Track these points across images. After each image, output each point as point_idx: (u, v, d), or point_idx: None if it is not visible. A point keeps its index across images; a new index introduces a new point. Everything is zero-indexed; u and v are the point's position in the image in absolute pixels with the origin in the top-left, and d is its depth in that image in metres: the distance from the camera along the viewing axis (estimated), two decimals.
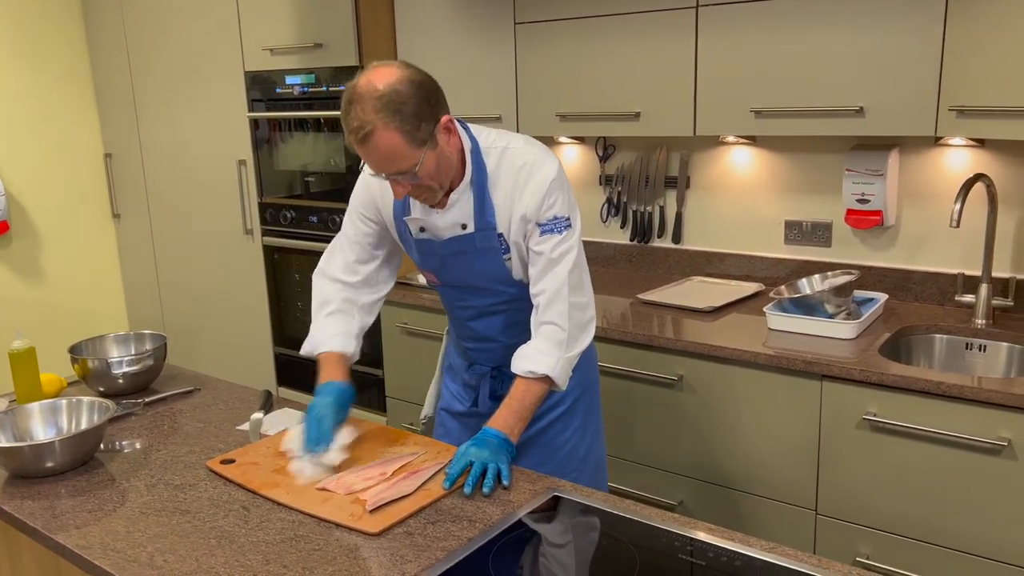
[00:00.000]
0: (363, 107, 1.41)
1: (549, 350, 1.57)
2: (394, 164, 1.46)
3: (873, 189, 2.28)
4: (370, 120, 1.41)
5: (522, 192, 1.58)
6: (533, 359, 1.57)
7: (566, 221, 1.59)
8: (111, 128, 3.89)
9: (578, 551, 1.25)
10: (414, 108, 1.44)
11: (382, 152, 1.44)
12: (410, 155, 1.45)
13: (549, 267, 1.58)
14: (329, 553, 1.25)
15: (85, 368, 1.92)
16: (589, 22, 2.50)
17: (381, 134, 1.42)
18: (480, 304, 1.72)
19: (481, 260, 1.64)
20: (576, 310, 1.59)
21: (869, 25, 2.04)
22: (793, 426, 2.02)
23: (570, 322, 1.58)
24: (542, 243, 1.58)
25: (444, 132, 1.51)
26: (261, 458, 1.57)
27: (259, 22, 3.10)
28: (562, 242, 1.59)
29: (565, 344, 1.58)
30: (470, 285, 1.69)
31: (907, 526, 1.90)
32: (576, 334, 1.60)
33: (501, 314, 1.72)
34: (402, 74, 1.45)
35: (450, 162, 1.55)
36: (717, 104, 2.31)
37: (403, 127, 1.43)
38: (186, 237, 3.68)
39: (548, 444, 1.76)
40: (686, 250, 2.77)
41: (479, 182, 1.60)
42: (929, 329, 2.17)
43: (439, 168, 1.52)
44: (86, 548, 1.30)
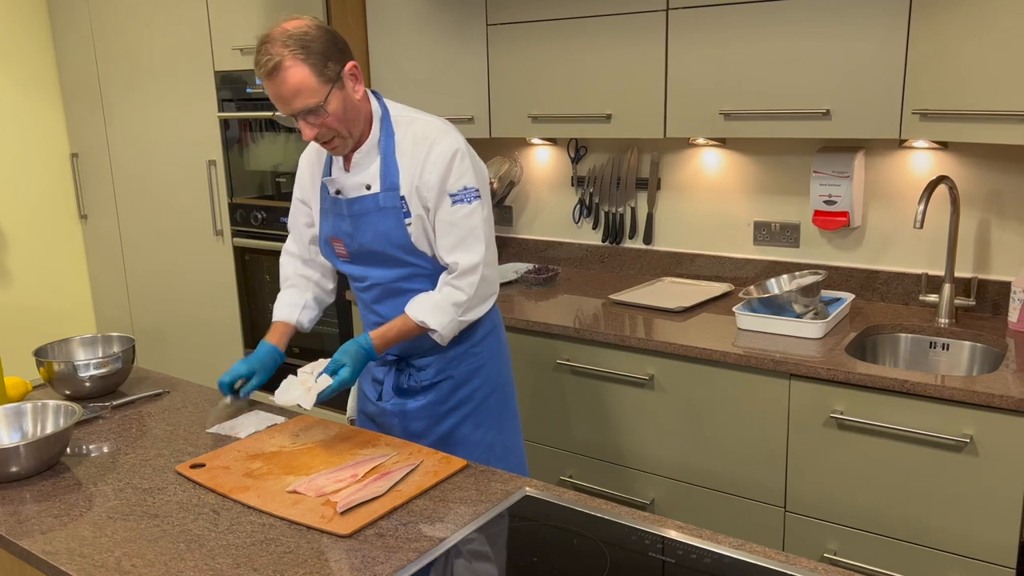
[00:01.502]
0: (273, 44, 1.53)
1: (447, 309, 1.67)
2: (301, 98, 1.55)
3: (840, 191, 2.32)
4: (279, 53, 1.52)
5: (424, 162, 1.65)
6: (428, 312, 1.67)
7: (475, 192, 1.67)
8: (78, 127, 3.83)
9: (549, 551, 1.26)
10: (321, 47, 1.55)
11: (291, 85, 1.53)
12: (317, 89, 1.55)
13: (464, 238, 1.66)
14: (300, 555, 1.25)
15: (51, 371, 1.89)
16: (561, 24, 2.51)
17: (290, 66, 1.52)
18: (383, 279, 1.75)
19: (383, 221, 1.69)
20: (484, 283, 1.69)
21: (835, 29, 2.08)
22: (762, 424, 2.05)
23: (476, 294, 1.68)
24: (454, 213, 1.65)
25: (351, 78, 1.61)
26: (231, 462, 1.56)
27: (229, 22, 3.07)
28: (473, 212, 1.66)
29: (463, 309, 1.68)
30: (373, 252, 1.73)
31: (873, 522, 1.93)
32: (475, 304, 1.70)
33: (406, 294, 1.74)
34: (312, 21, 1.59)
35: (357, 110, 1.64)
36: (687, 106, 2.34)
37: (310, 60, 1.54)
38: (155, 238, 3.64)
39: (463, 442, 1.82)
40: (657, 251, 2.79)
41: (386, 145, 1.68)
42: (894, 328, 2.21)
43: (345, 112, 1.61)
44: (52, 554, 1.28)
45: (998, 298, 2.22)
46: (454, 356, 1.79)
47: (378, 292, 1.77)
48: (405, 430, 1.82)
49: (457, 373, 1.79)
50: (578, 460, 2.40)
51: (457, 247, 1.66)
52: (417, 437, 1.81)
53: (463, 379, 1.80)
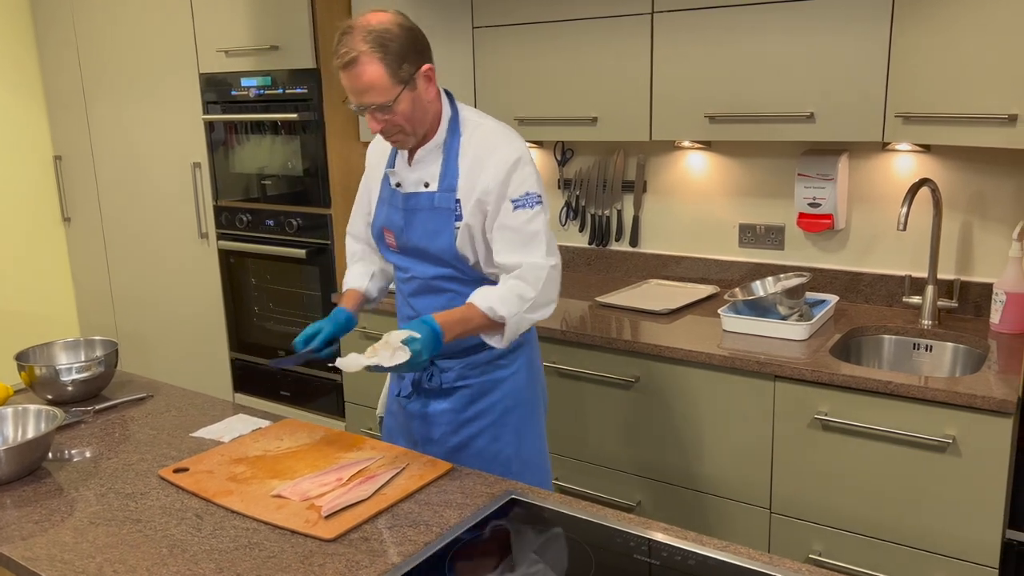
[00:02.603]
0: (353, 37, 1.54)
1: (513, 300, 1.61)
2: (372, 95, 1.56)
3: (824, 193, 2.33)
4: (357, 48, 1.53)
5: (483, 167, 1.64)
6: (496, 301, 1.60)
7: (537, 197, 1.65)
8: (61, 129, 3.80)
9: (534, 554, 1.26)
10: (399, 47, 1.56)
11: (364, 80, 1.55)
12: (389, 89, 1.56)
13: (528, 242, 1.63)
14: (284, 560, 1.24)
15: (32, 375, 1.87)
16: (547, 27, 2.51)
17: (365, 63, 1.54)
18: (424, 275, 1.74)
19: (434, 220, 1.68)
20: (551, 284, 1.64)
21: (820, 33, 2.09)
22: (747, 426, 2.06)
23: (541, 292, 1.63)
24: (516, 218, 1.63)
25: (424, 79, 1.61)
26: (215, 466, 1.55)
27: (213, 23, 3.06)
28: (535, 217, 1.64)
29: (529, 304, 1.62)
30: (419, 248, 1.72)
31: (858, 523, 1.94)
32: (541, 302, 1.64)
33: (441, 294, 1.73)
34: (395, 18, 1.59)
35: (425, 111, 1.64)
36: (672, 109, 2.34)
37: (386, 60, 1.54)
38: (139, 241, 3.61)
39: (479, 454, 1.77)
40: (643, 253, 2.80)
41: (451, 146, 1.67)
42: (878, 330, 2.23)
43: (414, 112, 1.61)
44: (32, 560, 1.26)
45: (980, 300, 2.24)
46: (476, 363, 1.74)
47: (416, 285, 1.76)
48: (425, 434, 1.79)
49: (476, 382, 1.75)
50: (564, 462, 2.40)
51: (520, 249, 1.63)
52: (434, 443, 1.78)
53: (483, 390, 1.75)
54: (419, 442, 1.80)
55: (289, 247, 3.05)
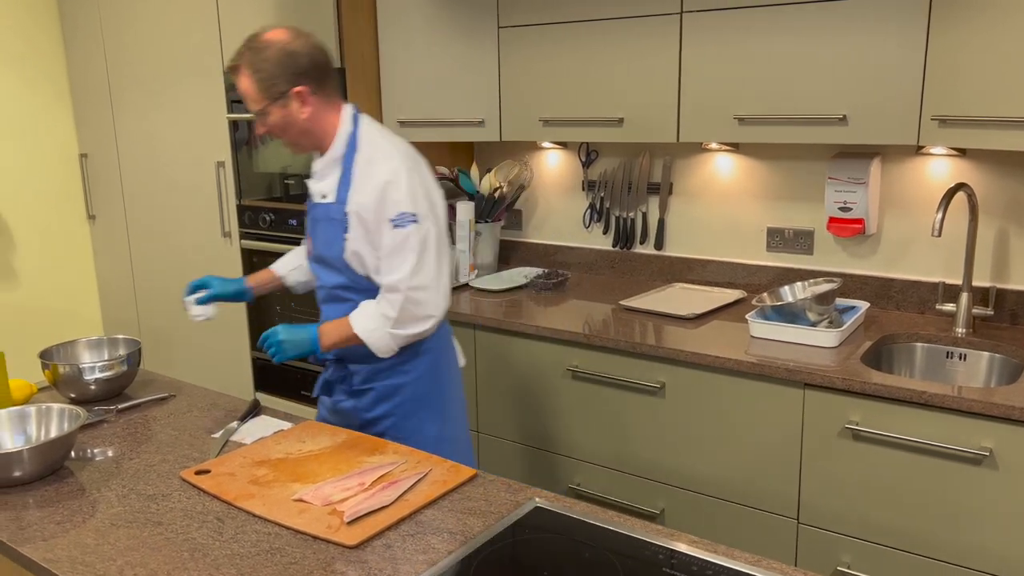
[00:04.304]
0: (243, 48, 1.74)
1: (377, 318, 1.75)
2: (247, 102, 1.76)
3: (855, 197, 2.29)
4: (239, 59, 1.74)
5: (363, 185, 1.75)
6: (360, 316, 1.77)
7: (411, 216, 1.72)
8: (87, 128, 3.83)
9: (560, 564, 1.23)
10: (271, 67, 1.71)
11: (240, 89, 1.76)
12: (257, 101, 1.74)
13: (391, 258, 1.73)
14: (306, 566, 1.22)
15: (56, 374, 1.87)
16: (573, 27, 2.49)
17: (241, 73, 1.74)
18: (327, 283, 1.87)
19: (329, 230, 1.80)
20: (412, 304, 1.73)
21: (853, 33, 2.05)
22: (775, 434, 2.02)
23: (400, 312, 1.73)
24: (393, 236, 1.73)
25: (296, 99, 1.74)
26: (237, 468, 1.53)
27: (239, 23, 3.06)
28: (408, 236, 1.72)
29: (391, 323, 1.74)
30: (322, 257, 1.85)
31: (889, 535, 1.90)
32: (405, 321, 1.75)
33: (343, 303, 1.84)
34: (285, 38, 1.74)
35: (298, 126, 1.77)
36: (701, 111, 2.31)
37: (257, 76, 1.72)
38: (163, 239, 3.62)
39: None
40: (668, 256, 2.76)
41: (348, 161, 1.78)
42: (910, 338, 2.18)
43: (286, 128, 1.77)
44: (53, 561, 1.26)
45: (1017, 308, 2.18)
46: (380, 369, 1.85)
47: (324, 294, 1.90)
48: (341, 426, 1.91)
49: (380, 385, 1.85)
50: (586, 468, 2.37)
51: (388, 270, 1.74)
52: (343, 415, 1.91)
53: (386, 393, 1.86)
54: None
55: None
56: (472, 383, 2.58)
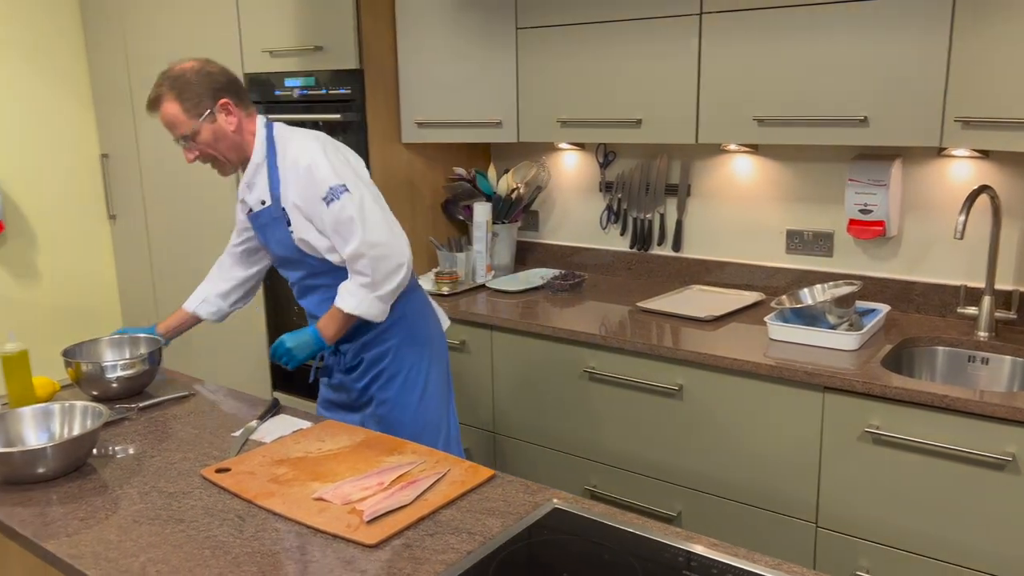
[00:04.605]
0: (157, 83, 1.88)
1: (355, 291, 1.87)
2: (175, 128, 1.87)
3: (876, 199, 2.27)
4: (156, 91, 1.87)
5: (290, 178, 1.88)
6: (343, 298, 1.88)
7: (341, 187, 1.84)
8: (108, 128, 3.86)
9: (579, 565, 1.23)
10: (195, 88, 1.85)
11: (165, 118, 1.87)
12: (187, 123, 1.86)
13: (344, 229, 1.84)
14: (326, 565, 1.23)
15: (78, 372, 1.89)
16: (592, 28, 2.48)
17: (165, 103, 1.86)
18: (294, 279, 2.03)
19: (275, 229, 1.94)
20: (379, 261, 1.84)
21: (874, 34, 2.03)
22: (794, 438, 2.01)
23: (373, 272, 1.85)
24: (330, 213, 1.84)
25: (223, 111, 1.88)
26: (257, 467, 1.54)
27: (259, 24, 3.08)
28: (345, 206, 1.83)
29: (370, 287, 1.86)
30: (279, 257, 2.00)
31: (909, 540, 1.88)
32: (381, 279, 1.86)
33: (315, 291, 2.00)
34: (196, 65, 1.89)
35: (228, 138, 1.91)
36: (720, 112, 2.30)
37: (181, 99, 1.85)
38: (182, 239, 3.65)
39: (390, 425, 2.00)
40: (686, 258, 2.75)
41: (270, 162, 1.92)
42: (931, 341, 2.16)
43: (217, 140, 1.89)
44: (77, 557, 1.27)
45: None
46: (366, 342, 1.99)
47: (296, 290, 2.06)
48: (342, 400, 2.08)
49: (368, 355, 2.00)
50: (603, 469, 2.37)
51: (344, 241, 1.85)
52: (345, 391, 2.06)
53: (372, 360, 2.00)
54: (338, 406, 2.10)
55: None
56: (488, 384, 2.58)
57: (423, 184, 3.04)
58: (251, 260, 2.20)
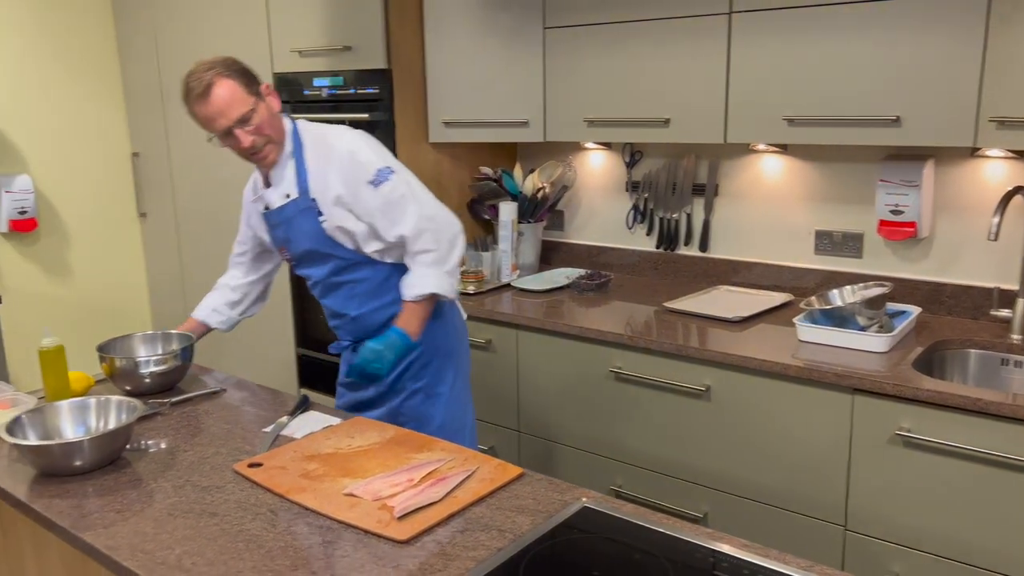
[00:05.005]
0: (199, 72, 1.78)
1: (427, 273, 1.87)
2: (235, 108, 1.78)
3: (907, 200, 2.25)
4: (209, 75, 1.76)
5: (327, 169, 1.85)
6: (417, 284, 1.87)
7: (387, 169, 1.85)
8: (139, 127, 3.92)
9: (609, 564, 1.23)
10: (242, 67, 1.82)
11: (223, 98, 1.77)
12: (246, 99, 1.79)
13: (397, 209, 1.84)
14: (358, 560, 1.24)
15: (113, 367, 1.92)
16: (620, 27, 2.48)
17: (221, 82, 1.77)
18: (319, 276, 1.98)
19: (303, 221, 1.90)
20: (441, 232, 1.86)
21: (907, 34, 2.01)
22: (823, 440, 1.99)
23: (438, 243, 1.87)
24: (380, 194, 1.83)
25: (268, 93, 1.87)
26: (288, 462, 1.56)
27: (288, 24, 3.11)
28: (395, 186, 1.84)
29: (441, 261, 1.87)
30: (304, 251, 1.95)
31: (940, 545, 1.86)
32: (446, 252, 1.88)
33: (341, 287, 1.97)
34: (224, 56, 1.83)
35: (277, 118, 1.88)
36: (749, 112, 2.29)
37: (237, 77, 1.79)
38: (211, 237, 3.69)
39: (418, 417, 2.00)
40: (713, 258, 2.74)
41: (297, 155, 1.90)
42: (964, 344, 2.13)
43: (270, 121, 1.85)
44: (114, 549, 1.29)
45: None
46: None
47: (320, 288, 2.01)
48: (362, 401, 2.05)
49: None
50: (628, 470, 2.36)
51: (398, 221, 1.84)
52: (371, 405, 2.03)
53: None
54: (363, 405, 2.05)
55: None
56: (514, 383, 2.59)
57: (450, 183, 3.05)
58: (258, 267, 2.19)
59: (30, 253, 3.73)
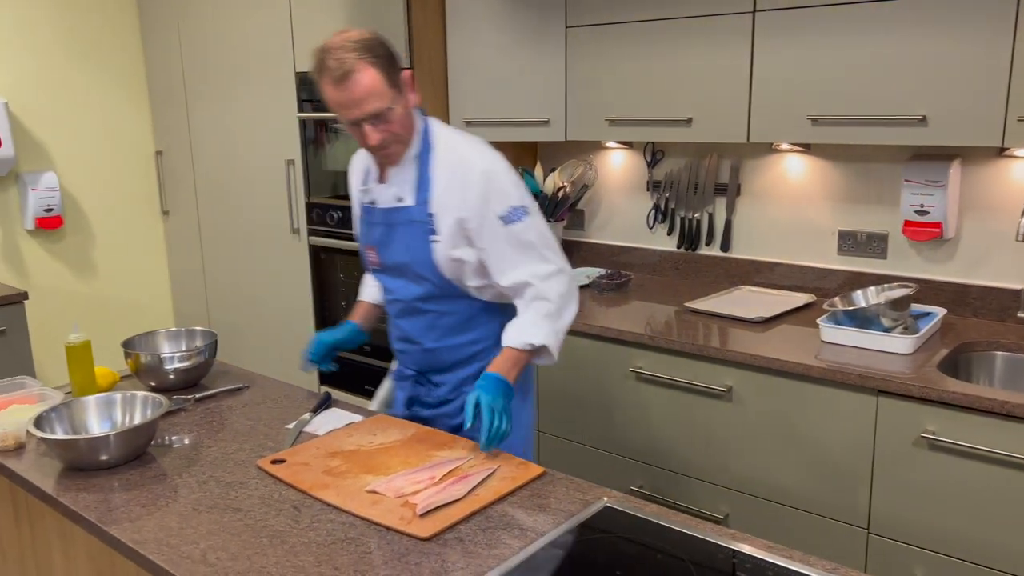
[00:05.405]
0: (342, 51, 1.54)
1: (541, 324, 1.65)
2: (372, 102, 1.56)
3: (933, 200, 2.22)
4: (351, 58, 1.53)
5: (459, 187, 1.63)
6: (527, 331, 1.64)
7: (523, 208, 1.66)
8: (163, 126, 3.96)
9: (631, 564, 1.23)
10: (387, 53, 1.59)
11: (363, 87, 1.54)
12: (386, 93, 1.57)
13: (521, 255, 1.65)
14: (380, 556, 1.25)
15: (138, 363, 1.94)
16: (642, 26, 2.47)
17: (363, 70, 1.54)
18: (406, 297, 1.76)
19: (410, 234, 1.69)
20: (559, 284, 1.67)
21: (933, 32, 1.99)
22: (846, 442, 1.98)
23: (558, 296, 1.66)
24: (509, 233, 1.64)
25: (407, 86, 1.64)
26: (311, 458, 1.57)
27: (311, 23, 3.12)
28: (528, 228, 1.65)
29: (554, 316, 1.66)
30: (400, 265, 1.73)
31: (965, 548, 1.84)
32: (563, 304, 1.68)
33: (425, 315, 1.76)
34: (371, 31, 1.61)
35: (411, 118, 1.66)
36: (773, 111, 2.27)
37: (381, 65, 1.56)
38: (233, 235, 3.73)
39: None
40: (735, 258, 2.73)
41: (424, 159, 1.67)
42: (990, 346, 2.11)
43: (406, 115, 1.63)
44: (140, 543, 1.31)
45: None
46: (468, 376, 1.77)
47: (400, 307, 1.79)
48: None
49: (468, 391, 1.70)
50: (649, 470, 2.36)
51: (521, 265, 1.65)
52: None
53: None
54: None
55: None
56: (534, 383, 2.59)
57: None
58: None
59: (56, 250, 3.78)
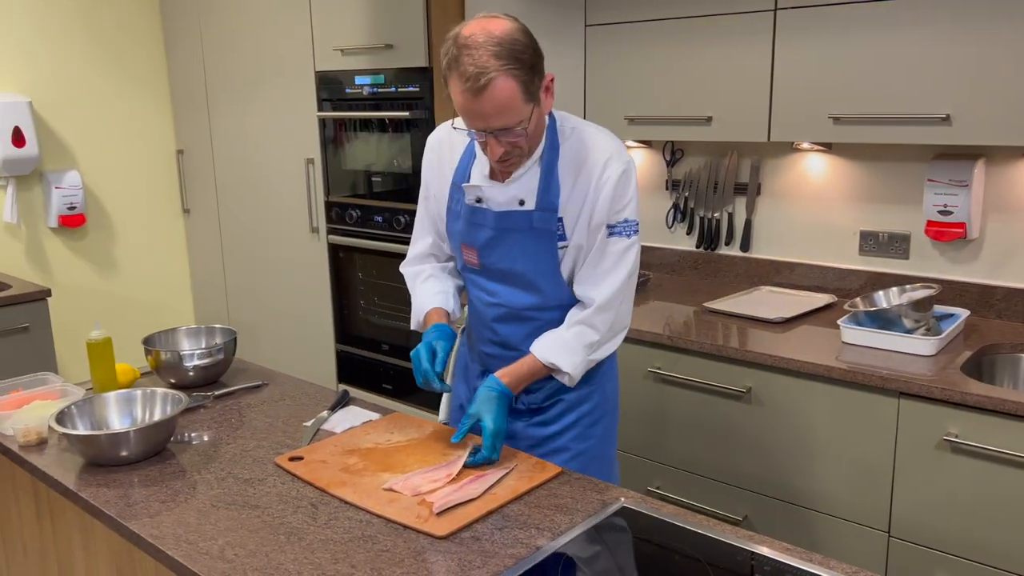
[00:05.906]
0: (480, 52, 1.35)
1: (578, 349, 1.55)
2: (505, 116, 1.39)
3: (957, 200, 2.19)
4: (490, 66, 1.34)
5: (590, 180, 1.50)
6: (559, 353, 1.54)
7: (635, 225, 1.56)
8: (184, 125, 3.99)
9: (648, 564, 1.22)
10: (531, 59, 1.39)
11: (499, 101, 1.37)
12: (522, 109, 1.40)
13: (609, 271, 1.54)
14: (397, 554, 1.25)
15: (158, 359, 1.96)
16: (662, 25, 2.46)
17: (502, 82, 1.35)
18: (513, 304, 1.61)
19: (534, 242, 1.54)
20: (619, 320, 1.58)
21: (957, 31, 1.96)
22: (867, 444, 1.95)
23: (608, 331, 1.57)
24: (608, 244, 1.53)
25: (546, 92, 1.46)
26: (329, 456, 1.57)
27: (331, 23, 3.14)
28: (628, 248, 1.55)
29: (594, 348, 1.57)
30: (511, 272, 1.59)
31: (987, 553, 1.81)
32: (606, 340, 1.58)
33: (528, 322, 1.62)
34: (516, 24, 1.41)
35: (543, 126, 1.51)
36: (794, 110, 2.25)
37: (522, 76, 1.38)
38: (253, 233, 3.75)
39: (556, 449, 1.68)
40: (755, 258, 2.71)
41: (549, 160, 1.52)
42: (1014, 348, 2.08)
43: (537, 128, 1.48)
44: (159, 538, 1.32)
45: None
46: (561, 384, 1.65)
47: (503, 312, 1.64)
48: None
49: (568, 396, 1.67)
50: (666, 471, 2.35)
51: (599, 281, 1.53)
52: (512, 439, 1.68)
53: (573, 402, 1.67)
54: None
55: (395, 243, 3.10)
56: None
57: None
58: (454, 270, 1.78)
59: (78, 248, 3.83)
